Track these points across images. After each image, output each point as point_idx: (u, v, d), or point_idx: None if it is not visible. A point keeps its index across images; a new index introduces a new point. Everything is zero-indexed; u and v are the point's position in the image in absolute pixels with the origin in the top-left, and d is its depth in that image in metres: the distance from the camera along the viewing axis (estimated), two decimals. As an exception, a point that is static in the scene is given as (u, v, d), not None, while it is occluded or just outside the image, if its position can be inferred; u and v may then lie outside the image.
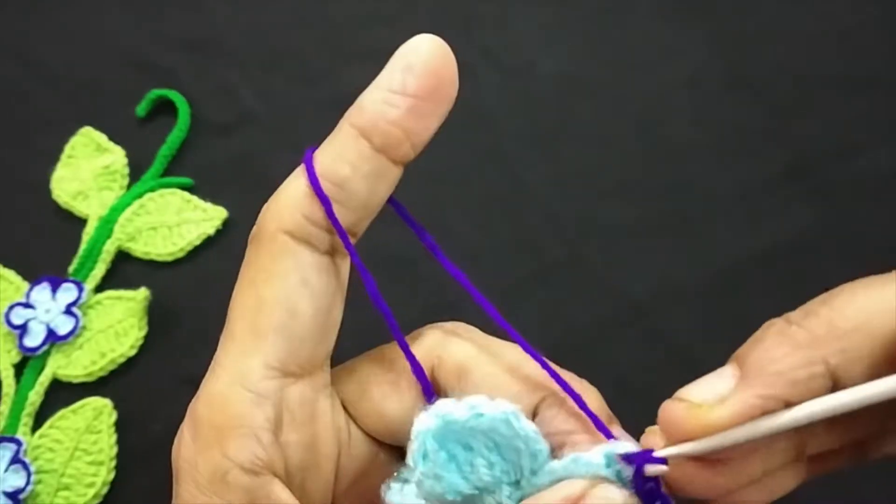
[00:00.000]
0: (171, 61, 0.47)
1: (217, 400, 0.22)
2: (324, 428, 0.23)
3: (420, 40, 0.22)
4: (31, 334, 0.40)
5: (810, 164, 0.43)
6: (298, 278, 0.22)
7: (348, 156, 0.22)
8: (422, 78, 0.22)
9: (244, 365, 0.22)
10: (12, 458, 0.38)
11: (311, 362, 0.23)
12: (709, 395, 0.20)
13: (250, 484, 0.21)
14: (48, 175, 0.45)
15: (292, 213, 0.22)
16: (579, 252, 0.42)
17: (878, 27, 0.46)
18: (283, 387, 0.22)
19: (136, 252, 0.43)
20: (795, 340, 0.19)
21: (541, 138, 0.45)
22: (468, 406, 0.21)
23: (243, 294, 0.23)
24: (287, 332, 0.22)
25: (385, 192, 0.23)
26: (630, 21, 0.47)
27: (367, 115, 0.22)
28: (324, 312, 0.23)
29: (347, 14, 0.48)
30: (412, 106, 0.22)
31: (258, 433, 0.22)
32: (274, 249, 0.22)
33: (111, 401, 0.40)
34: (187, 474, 0.22)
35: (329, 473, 0.24)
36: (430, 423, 0.20)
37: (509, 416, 0.21)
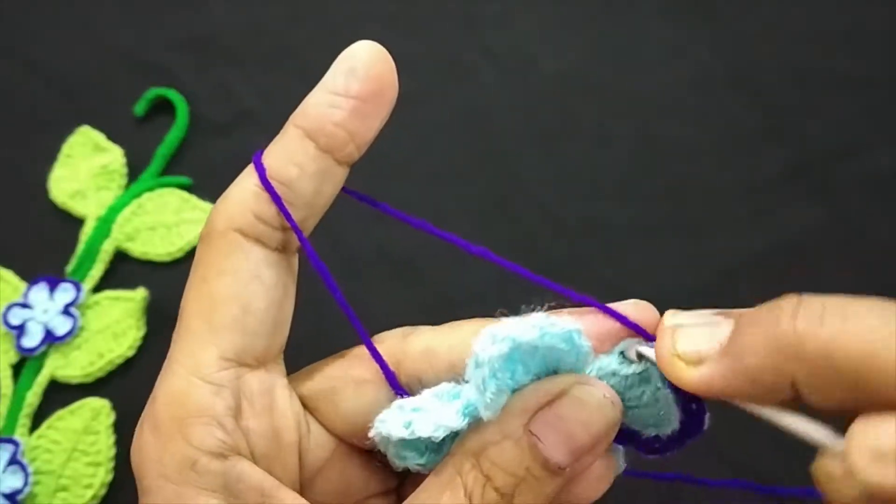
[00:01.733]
0: (169, 60, 0.47)
1: (175, 394, 0.22)
2: (283, 417, 0.24)
3: (360, 45, 0.24)
4: (29, 335, 0.40)
5: (810, 164, 0.43)
6: (250, 274, 0.23)
7: (295, 157, 0.23)
8: (364, 81, 0.23)
9: (200, 358, 0.23)
10: (10, 459, 0.38)
11: (265, 354, 0.24)
12: (693, 347, 0.21)
13: (220, 468, 0.22)
14: (46, 175, 0.45)
15: (243, 212, 0.23)
16: (579, 252, 0.42)
17: (878, 27, 0.46)
18: (240, 376, 0.23)
19: (135, 252, 0.43)
20: (780, 342, 0.19)
21: (541, 138, 0.45)
22: (537, 328, 0.21)
23: (196, 291, 0.23)
24: (241, 326, 0.23)
25: (331, 191, 0.24)
26: (630, 21, 0.47)
27: (312, 117, 0.23)
28: (276, 306, 0.24)
29: (347, 13, 0.48)
30: (355, 108, 0.23)
31: (220, 419, 0.22)
32: (225, 247, 0.23)
33: (109, 401, 0.40)
34: (152, 470, 0.22)
35: (293, 462, 0.24)
36: (503, 348, 0.21)
37: (573, 334, 0.22)
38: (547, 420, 0.21)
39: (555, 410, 0.21)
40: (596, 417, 0.21)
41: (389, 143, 0.37)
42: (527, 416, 0.21)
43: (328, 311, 0.26)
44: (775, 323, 0.20)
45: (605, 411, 0.21)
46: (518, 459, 0.21)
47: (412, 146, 0.45)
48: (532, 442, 0.21)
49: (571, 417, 0.21)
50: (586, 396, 0.21)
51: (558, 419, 0.21)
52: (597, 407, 0.21)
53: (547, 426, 0.21)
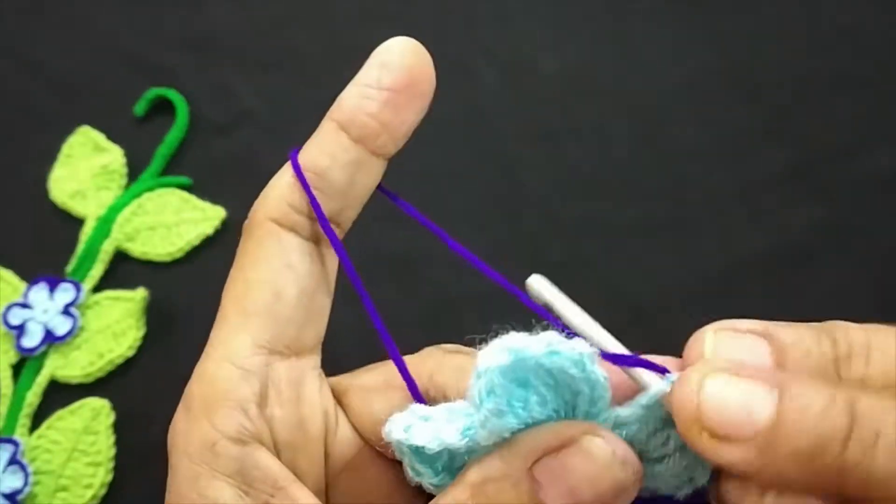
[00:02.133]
0: (169, 60, 0.47)
1: (206, 376, 0.23)
2: (310, 408, 0.24)
3: (394, 40, 0.24)
4: (29, 335, 0.40)
5: (810, 164, 0.43)
6: (283, 261, 0.24)
7: (328, 147, 0.24)
8: (396, 73, 0.24)
9: (232, 343, 0.23)
10: (10, 460, 0.38)
11: (298, 343, 0.24)
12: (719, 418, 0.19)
13: (238, 453, 0.22)
14: (46, 175, 0.45)
15: (278, 202, 0.24)
16: (579, 252, 0.42)
17: (878, 27, 0.46)
18: (270, 363, 0.23)
19: (135, 252, 0.43)
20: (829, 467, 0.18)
21: (541, 138, 0.45)
22: (545, 342, 0.20)
23: (233, 279, 0.24)
24: (273, 313, 0.23)
25: (367, 183, 0.25)
26: (631, 21, 0.47)
27: (345, 109, 0.24)
28: (308, 295, 0.24)
29: (347, 13, 0.48)
30: (387, 99, 0.24)
31: (244, 405, 0.23)
32: (260, 235, 0.24)
33: (109, 401, 0.40)
34: (180, 447, 0.23)
35: (318, 455, 0.24)
36: (502, 359, 0.19)
37: (584, 358, 0.20)
38: (551, 467, 0.20)
39: (561, 459, 0.20)
40: (603, 475, 0.20)
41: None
42: (531, 458, 0.20)
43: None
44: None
45: (614, 470, 0.20)
46: (513, 502, 0.20)
47: (412, 146, 0.44)
48: (533, 487, 0.20)
49: (577, 470, 0.20)
50: (595, 450, 0.20)
51: (563, 469, 0.20)
52: (605, 464, 0.20)
53: (551, 474, 0.20)
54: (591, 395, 0.20)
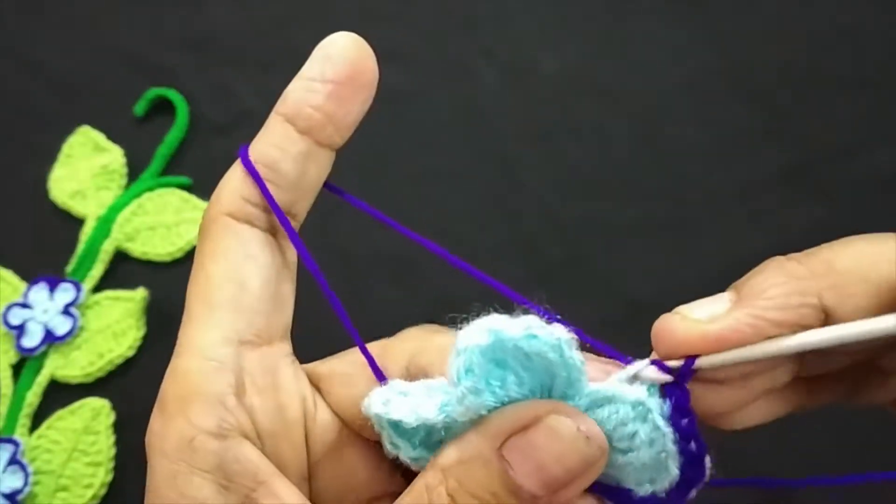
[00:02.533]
0: (169, 60, 0.47)
1: (178, 373, 0.23)
2: (288, 394, 0.24)
3: (336, 35, 0.25)
4: (29, 335, 0.40)
5: (810, 164, 0.43)
6: (242, 253, 0.24)
7: (276, 140, 0.24)
8: (339, 65, 0.24)
9: (201, 338, 0.23)
10: (10, 459, 0.38)
11: (267, 332, 0.24)
12: (704, 314, 0.21)
13: (217, 447, 0.22)
14: (46, 175, 0.45)
15: (231, 196, 0.24)
16: (579, 252, 0.42)
17: (878, 27, 0.46)
18: (241, 353, 0.23)
19: (135, 252, 0.43)
20: (792, 272, 0.21)
21: (541, 138, 0.45)
22: (524, 325, 0.20)
23: (195, 276, 0.24)
24: (238, 304, 0.23)
25: (317, 173, 0.25)
26: (630, 21, 0.47)
27: (290, 102, 0.24)
28: (272, 284, 0.24)
29: (347, 13, 0.48)
30: (330, 91, 0.24)
31: (222, 398, 0.22)
32: (217, 230, 0.24)
33: (109, 401, 0.40)
34: (156, 448, 0.22)
35: (299, 441, 0.24)
36: (482, 339, 0.20)
37: (562, 343, 0.20)
38: (520, 447, 0.20)
39: (528, 438, 0.20)
40: (569, 451, 0.20)
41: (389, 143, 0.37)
42: (500, 438, 0.20)
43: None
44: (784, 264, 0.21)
45: (579, 445, 0.20)
46: (485, 482, 0.20)
47: (412, 146, 0.45)
48: (502, 467, 0.20)
49: (544, 447, 0.20)
50: (560, 427, 0.20)
51: (531, 447, 0.20)
52: (570, 440, 0.20)
53: (519, 453, 0.20)
54: (568, 378, 0.21)
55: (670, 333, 0.21)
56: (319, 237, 0.25)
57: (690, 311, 0.21)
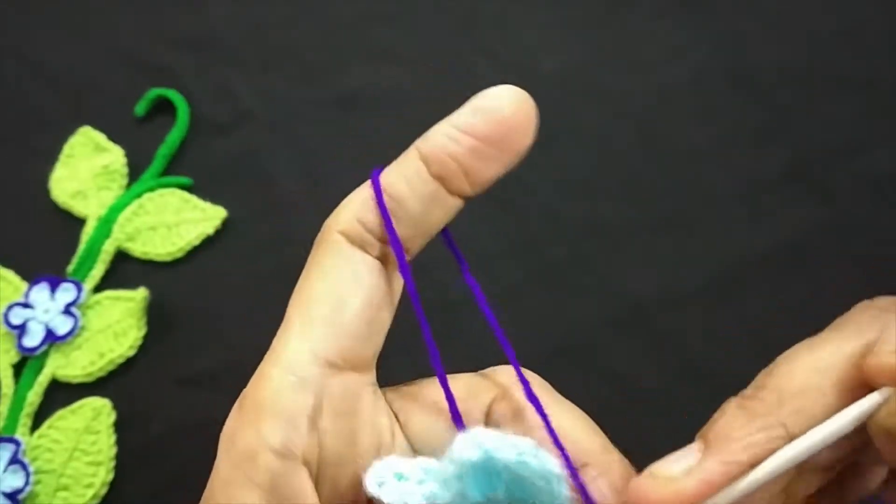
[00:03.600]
0: (170, 60, 0.47)
1: (263, 379, 0.23)
2: (363, 424, 0.24)
3: (502, 88, 0.24)
4: (30, 334, 0.40)
5: (810, 164, 0.43)
6: (349, 273, 0.24)
7: (407, 175, 0.24)
8: (489, 124, 0.23)
9: (292, 350, 0.23)
10: (11, 459, 0.38)
11: (356, 357, 0.24)
12: (676, 469, 0.21)
13: (278, 468, 0.22)
14: (47, 175, 0.45)
15: (348, 217, 0.24)
16: (579, 252, 0.42)
17: (878, 27, 0.46)
18: (327, 376, 0.23)
19: (135, 252, 0.43)
20: (751, 411, 0.21)
21: (541, 138, 0.45)
22: (516, 451, 0.21)
23: (300, 286, 0.24)
24: (335, 323, 0.23)
25: (440, 218, 0.25)
26: (630, 21, 0.47)
27: (431, 143, 0.24)
28: (372, 309, 0.24)
29: (347, 14, 0.48)
30: (473, 147, 0.23)
31: (296, 417, 0.22)
32: (329, 247, 0.24)
33: (110, 401, 0.40)
34: (225, 447, 0.23)
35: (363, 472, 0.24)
36: (473, 455, 0.21)
37: (552, 477, 0.21)
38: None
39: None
40: None
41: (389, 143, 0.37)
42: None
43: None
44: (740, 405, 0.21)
45: None
46: None
47: (412, 146, 0.45)
48: None
49: None
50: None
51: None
52: None
53: None
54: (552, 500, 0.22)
55: (648, 495, 0.21)
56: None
57: (661, 469, 0.21)
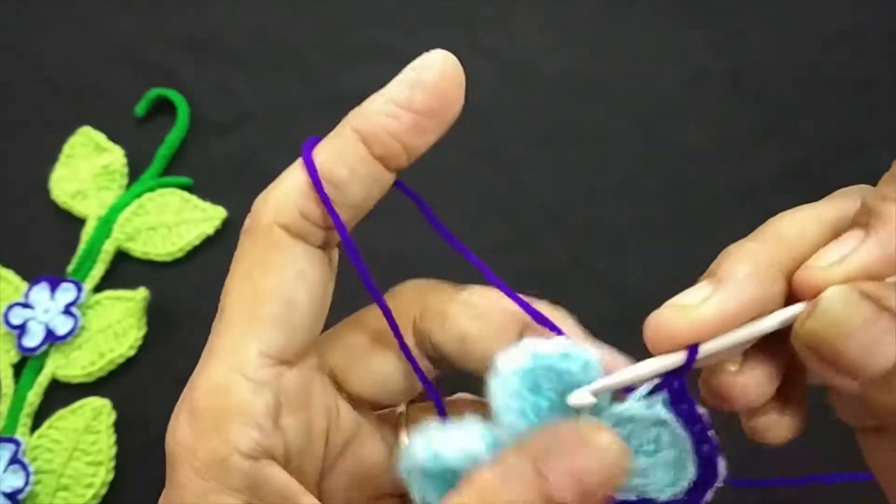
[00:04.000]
0: (170, 60, 0.47)
1: (216, 387, 0.22)
2: (316, 410, 0.24)
3: (433, 57, 0.23)
4: (30, 334, 0.40)
5: (810, 164, 0.43)
6: (295, 271, 0.23)
7: (348, 159, 0.23)
8: (429, 96, 0.23)
9: (242, 353, 0.23)
10: (11, 459, 0.38)
11: (304, 349, 0.24)
12: (692, 300, 0.22)
13: (250, 468, 0.22)
14: (47, 175, 0.45)
15: (289, 209, 0.23)
16: (579, 252, 0.42)
17: (878, 27, 0.46)
18: (280, 374, 0.23)
19: (136, 252, 0.43)
20: (753, 251, 0.22)
21: (541, 138, 0.45)
22: (560, 347, 0.22)
23: (239, 285, 0.23)
24: (284, 323, 0.23)
25: (377, 194, 0.24)
26: (630, 21, 0.47)
27: (371, 123, 0.23)
28: (318, 302, 0.24)
29: (347, 14, 0.48)
30: (415, 122, 0.23)
31: (259, 420, 0.22)
32: (270, 243, 0.23)
33: (110, 401, 0.40)
34: (184, 460, 0.22)
35: (320, 451, 0.25)
36: (524, 363, 0.21)
37: (590, 363, 0.22)
38: (559, 462, 0.21)
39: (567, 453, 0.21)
40: (606, 464, 0.21)
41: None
42: (539, 456, 0.21)
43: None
44: (740, 246, 0.22)
45: (611, 454, 0.21)
46: (525, 499, 0.20)
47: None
48: (542, 484, 0.20)
49: (582, 461, 0.21)
50: (599, 442, 0.21)
51: (570, 462, 0.21)
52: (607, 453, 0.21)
53: (558, 468, 0.20)
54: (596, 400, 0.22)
55: (668, 325, 0.21)
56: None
57: (679, 299, 0.22)
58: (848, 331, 0.19)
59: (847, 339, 0.19)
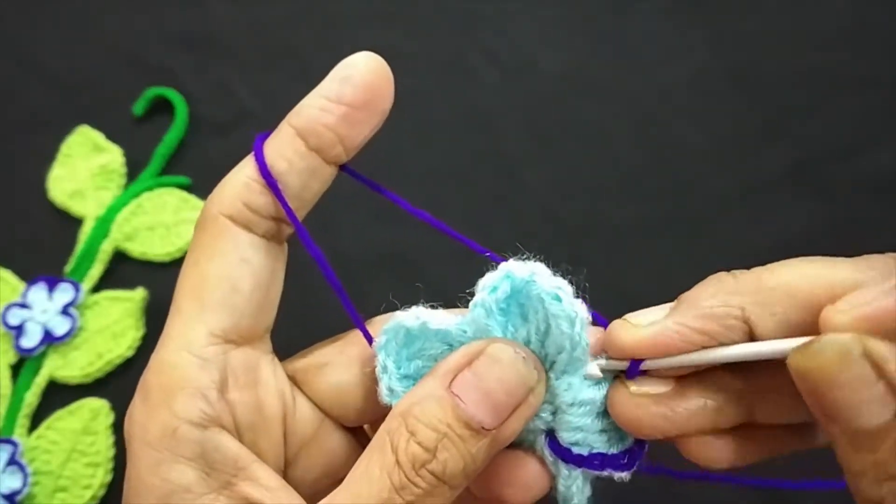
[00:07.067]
0: (168, 60, 0.47)
1: (165, 366, 0.24)
2: (267, 391, 0.25)
3: (359, 55, 0.25)
4: (28, 335, 0.40)
5: (811, 164, 0.43)
6: (238, 256, 0.25)
7: (286, 152, 0.25)
8: (357, 89, 0.25)
9: (189, 334, 0.24)
10: (9, 460, 0.38)
11: (251, 332, 0.25)
12: (644, 320, 0.23)
13: (199, 437, 0.23)
14: (45, 174, 0.45)
15: (233, 201, 0.25)
16: (579, 252, 0.42)
17: (878, 27, 0.46)
18: (226, 351, 0.24)
19: (134, 252, 0.43)
20: (724, 286, 0.22)
21: (541, 138, 0.45)
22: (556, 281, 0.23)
23: (188, 272, 0.25)
24: (229, 305, 0.24)
25: (318, 188, 0.26)
26: (631, 21, 0.47)
27: (304, 118, 0.25)
28: (263, 288, 0.25)
29: (347, 13, 0.48)
30: (345, 114, 0.25)
31: (205, 392, 0.24)
32: (216, 231, 0.25)
33: (108, 402, 0.40)
34: (138, 437, 0.23)
35: (278, 435, 0.25)
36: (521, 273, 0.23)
37: (578, 318, 0.23)
38: (465, 379, 0.22)
39: (472, 369, 0.22)
40: (509, 374, 0.22)
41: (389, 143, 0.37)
42: (449, 376, 0.22)
43: (323, 299, 0.27)
44: (721, 279, 0.22)
45: (518, 367, 0.23)
46: (439, 416, 0.22)
47: (412, 146, 0.45)
48: (454, 402, 0.22)
49: (486, 374, 0.22)
50: (498, 353, 0.23)
51: (475, 377, 0.22)
52: (509, 363, 0.22)
53: (466, 384, 0.22)
54: (571, 355, 0.23)
55: (615, 338, 0.23)
56: (315, 236, 0.25)
57: (634, 317, 0.23)
58: (838, 381, 0.19)
59: (833, 387, 0.19)
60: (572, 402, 0.23)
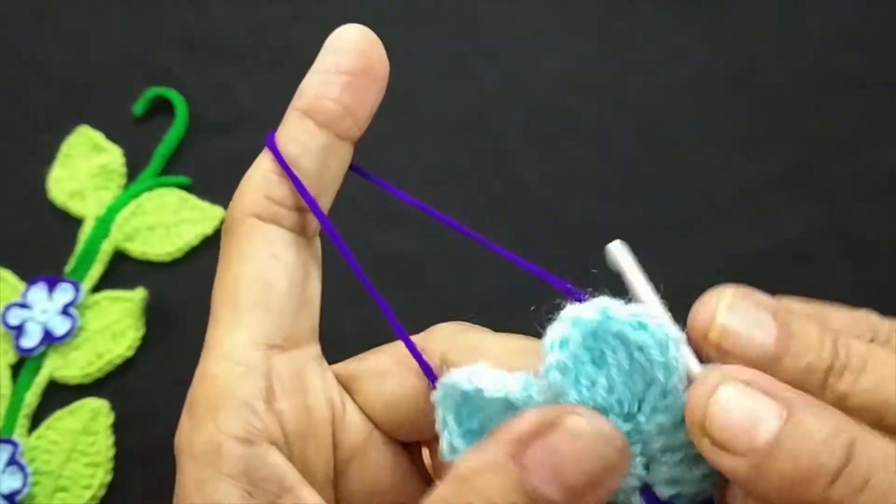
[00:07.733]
0: (168, 59, 0.47)
1: (207, 377, 0.23)
2: (315, 397, 0.24)
3: (344, 28, 0.25)
4: (28, 335, 0.40)
5: (812, 164, 0.43)
6: (269, 253, 0.24)
7: (296, 135, 0.24)
8: (351, 57, 0.24)
9: (230, 342, 0.23)
10: (9, 460, 0.38)
11: (294, 334, 0.24)
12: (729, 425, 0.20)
13: (244, 453, 0.22)
14: (45, 174, 0.44)
15: (255, 197, 0.24)
16: (579, 252, 0.42)
17: (878, 27, 0.46)
18: (271, 357, 0.23)
19: (134, 252, 0.43)
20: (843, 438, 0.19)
21: (541, 138, 0.45)
22: (634, 312, 0.20)
23: (221, 278, 0.24)
24: (265, 305, 0.23)
25: (338, 167, 0.25)
26: (631, 21, 0.47)
27: (307, 96, 0.24)
28: (298, 284, 0.24)
29: (347, 13, 0.48)
30: (346, 83, 0.24)
31: (251, 402, 0.22)
32: (243, 232, 0.24)
33: (108, 402, 0.40)
34: (185, 451, 0.22)
35: (326, 443, 0.24)
36: (589, 314, 0.19)
37: (670, 341, 0.20)
38: (536, 451, 0.19)
39: (544, 441, 0.19)
40: (587, 453, 0.19)
41: (390, 142, 0.37)
42: (516, 445, 0.20)
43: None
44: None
45: (598, 447, 0.19)
46: (503, 490, 0.19)
47: (412, 145, 0.45)
48: (520, 474, 0.19)
49: (561, 450, 0.19)
50: (577, 428, 0.19)
51: (547, 451, 0.19)
52: (588, 441, 0.19)
53: (535, 457, 0.19)
54: (665, 387, 0.20)
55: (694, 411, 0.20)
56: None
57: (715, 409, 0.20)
58: None
59: None
60: (665, 449, 0.20)
